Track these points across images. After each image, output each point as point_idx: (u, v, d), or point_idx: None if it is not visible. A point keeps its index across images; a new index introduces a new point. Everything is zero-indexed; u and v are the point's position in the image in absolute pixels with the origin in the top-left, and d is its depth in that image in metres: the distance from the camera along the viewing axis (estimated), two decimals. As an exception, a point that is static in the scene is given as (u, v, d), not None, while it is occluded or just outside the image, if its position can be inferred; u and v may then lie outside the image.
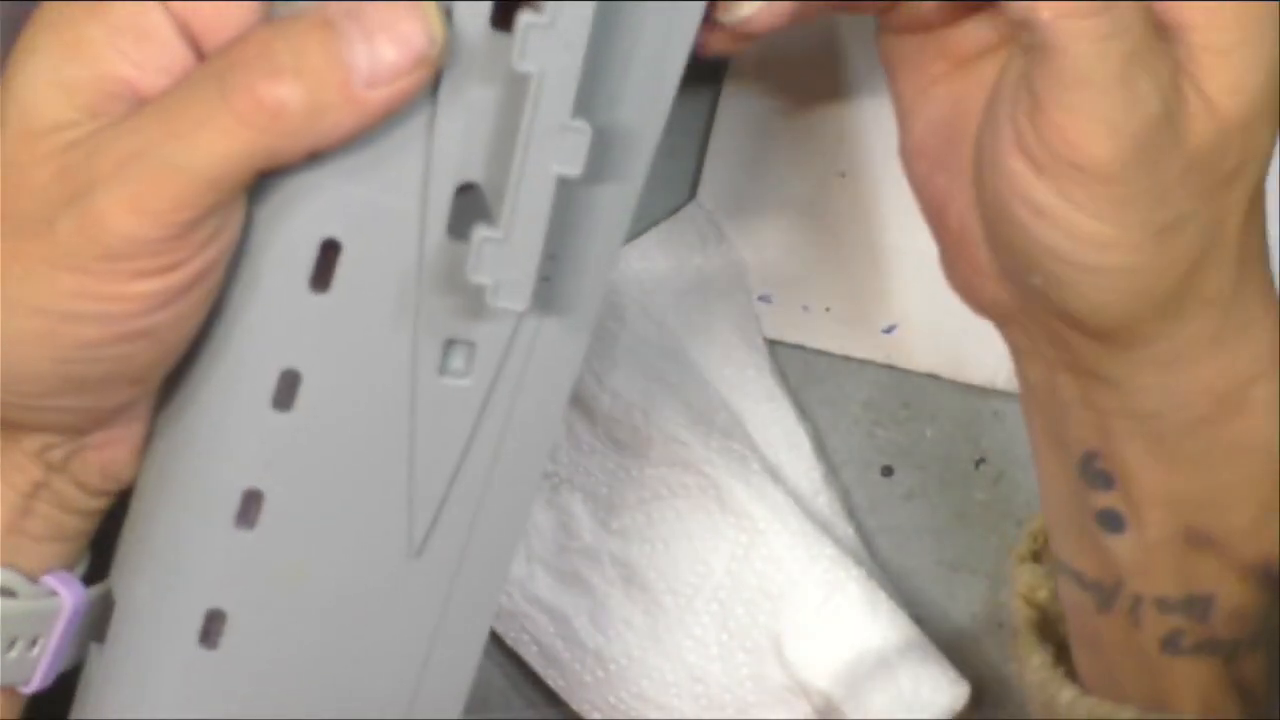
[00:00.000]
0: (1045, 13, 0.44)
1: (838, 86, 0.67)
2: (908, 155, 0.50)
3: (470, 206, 0.46)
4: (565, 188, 0.44)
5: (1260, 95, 0.46)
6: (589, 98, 0.44)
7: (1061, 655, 0.55)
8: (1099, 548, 0.52)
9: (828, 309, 0.69)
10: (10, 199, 0.44)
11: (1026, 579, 0.56)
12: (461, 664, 0.51)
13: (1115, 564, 0.52)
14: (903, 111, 0.49)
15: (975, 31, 0.50)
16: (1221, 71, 0.45)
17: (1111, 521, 0.52)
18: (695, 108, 0.68)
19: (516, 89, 0.44)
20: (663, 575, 0.66)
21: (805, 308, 0.69)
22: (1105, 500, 0.51)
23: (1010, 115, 0.47)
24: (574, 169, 0.44)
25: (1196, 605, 0.51)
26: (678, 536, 0.66)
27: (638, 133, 0.46)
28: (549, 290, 0.46)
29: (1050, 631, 0.55)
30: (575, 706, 0.67)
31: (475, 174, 0.46)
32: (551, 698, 0.68)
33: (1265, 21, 0.45)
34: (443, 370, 0.47)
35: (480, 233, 0.44)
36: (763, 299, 0.70)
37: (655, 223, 0.69)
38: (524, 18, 0.43)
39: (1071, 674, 0.54)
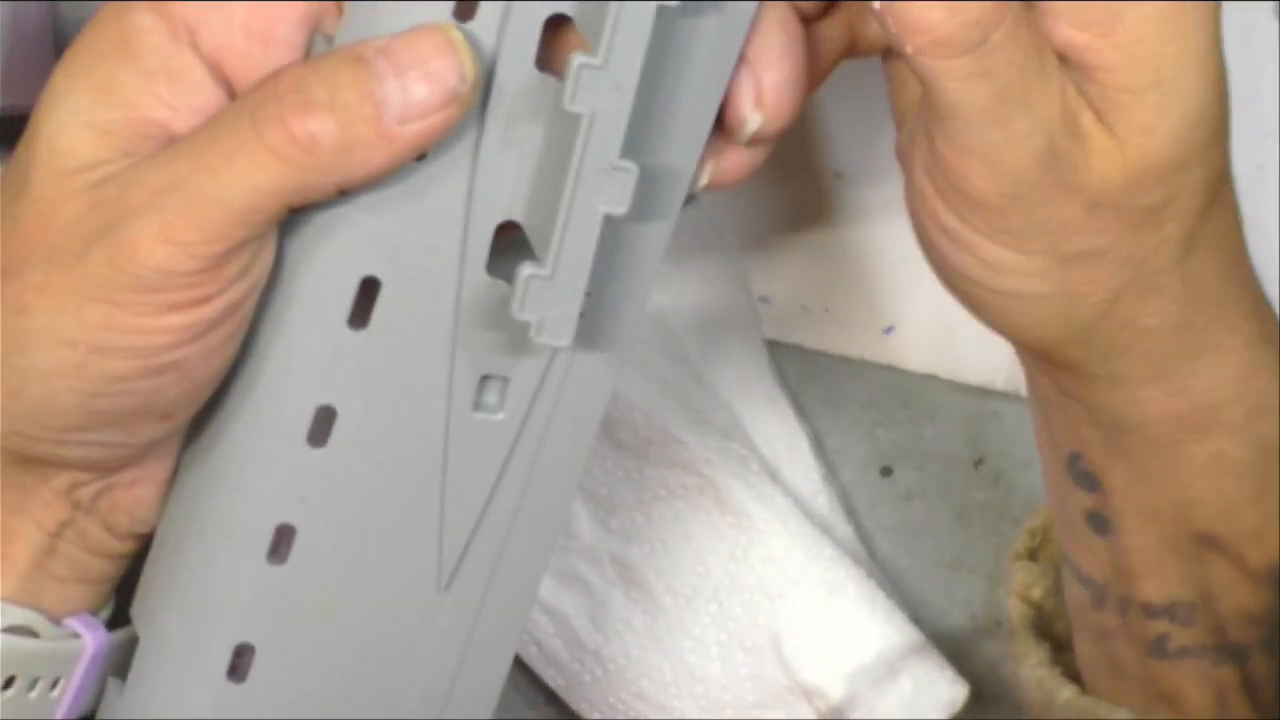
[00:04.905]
0: (908, 48, 0.44)
1: (836, 88, 0.67)
2: (900, 154, 0.50)
3: (499, 243, 0.47)
4: (609, 226, 0.45)
5: (1177, 136, 0.45)
6: (633, 138, 0.44)
7: (1057, 653, 0.55)
8: (1089, 547, 0.52)
9: (827, 309, 0.69)
10: (40, 232, 0.44)
11: (1022, 577, 0.56)
12: (484, 693, 0.51)
13: (1103, 565, 0.52)
14: (897, 116, 0.50)
15: None
16: (1133, 112, 0.45)
17: (1098, 523, 0.52)
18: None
19: (562, 129, 0.44)
20: (662, 575, 0.66)
21: (805, 308, 0.70)
22: (1091, 502, 0.51)
23: (918, 138, 0.47)
24: (620, 208, 0.44)
25: (1181, 610, 0.51)
26: (677, 537, 0.67)
27: (675, 171, 0.46)
28: (583, 325, 0.46)
29: (1046, 629, 0.55)
30: (575, 706, 0.67)
31: (517, 213, 0.46)
32: (551, 698, 0.68)
33: (1183, 65, 0.45)
34: (476, 405, 0.48)
35: (526, 270, 0.44)
36: (763, 299, 0.70)
37: (655, 223, 0.69)
38: (577, 59, 0.43)
39: (1066, 672, 0.54)
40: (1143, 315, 0.48)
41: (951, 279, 0.48)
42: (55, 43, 0.60)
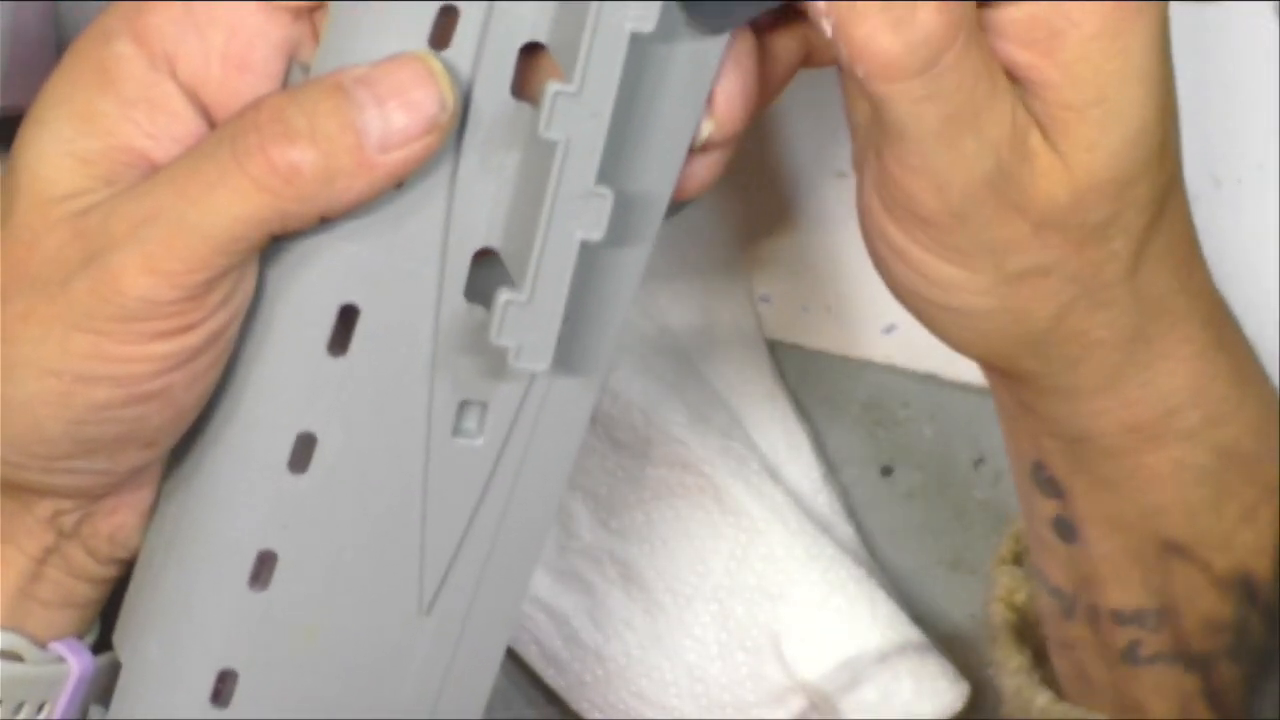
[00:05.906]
0: (859, 71, 0.44)
1: (836, 87, 0.67)
2: (856, 165, 0.50)
3: (478, 269, 0.47)
4: (585, 251, 0.45)
5: (1120, 153, 0.45)
6: (609, 164, 0.45)
7: (1039, 659, 0.55)
8: (1056, 555, 0.52)
9: (828, 309, 0.69)
10: (23, 263, 0.45)
11: (1006, 582, 0.56)
12: (467, 715, 0.51)
13: (1070, 574, 0.52)
14: (853, 127, 0.50)
15: None
16: (1076, 129, 0.45)
17: (1065, 530, 0.52)
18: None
19: (538, 155, 0.45)
20: (662, 575, 0.67)
21: (805, 308, 0.70)
22: (1056, 508, 0.52)
23: (868, 154, 0.47)
24: (596, 234, 0.45)
25: (1150, 617, 0.51)
26: (677, 536, 0.67)
27: (651, 196, 0.47)
28: (561, 350, 0.47)
29: (1029, 635, 0.55)
30: (575, 706, 0.67)
31: (494, 239, 0.46)
32: (551, 698, 0.68)
33: (1125, 81, 0.45)
34: (456, 431, 0.48)
35: (503, 296, 0.45)
36: (763, 299, 0.70)
37: (655, 223, 0.69)
38: (552, 87, 0.43)
39: (1048, 678, 0.54)
40: (1093, 328, 0.48)
41: (901, 294, 0.49)
42: (57, 43, 0.61)
